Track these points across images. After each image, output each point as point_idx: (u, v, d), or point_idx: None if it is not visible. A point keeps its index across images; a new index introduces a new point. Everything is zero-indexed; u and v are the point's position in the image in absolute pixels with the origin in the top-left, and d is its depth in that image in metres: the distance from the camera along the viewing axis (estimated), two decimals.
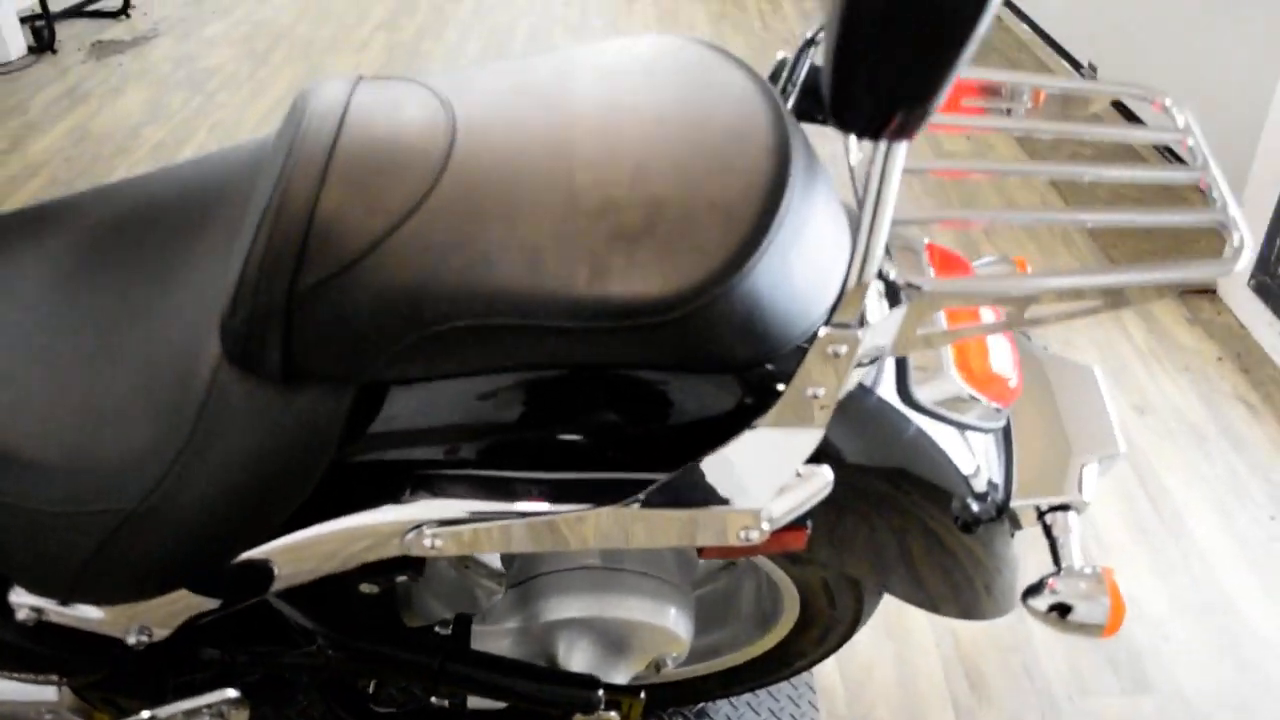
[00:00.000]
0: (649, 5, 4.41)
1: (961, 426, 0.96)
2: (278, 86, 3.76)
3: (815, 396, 0.76)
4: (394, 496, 0.84)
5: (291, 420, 0.77)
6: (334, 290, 0.73)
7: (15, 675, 1.01)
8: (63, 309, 0.88)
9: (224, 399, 0.77)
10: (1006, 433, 1.06)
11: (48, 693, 1.07)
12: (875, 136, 0.61)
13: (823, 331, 0.73)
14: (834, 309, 0.72)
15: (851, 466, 0.90)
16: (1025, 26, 4.03)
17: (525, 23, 4.22)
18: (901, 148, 0.62)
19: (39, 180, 3.17)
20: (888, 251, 0.96)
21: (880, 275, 0.72)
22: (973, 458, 0.97)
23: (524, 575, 1.17)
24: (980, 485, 0.97)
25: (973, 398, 0.91)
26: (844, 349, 0.73)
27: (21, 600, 0.91)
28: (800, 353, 0.75)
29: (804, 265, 0.74)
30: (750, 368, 0.80)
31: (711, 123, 0.77)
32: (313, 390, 0.76)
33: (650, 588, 1.15)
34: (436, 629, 1.12)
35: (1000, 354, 0.98)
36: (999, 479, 1.00)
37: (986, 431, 1.00)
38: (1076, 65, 3.60)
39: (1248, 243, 0.78)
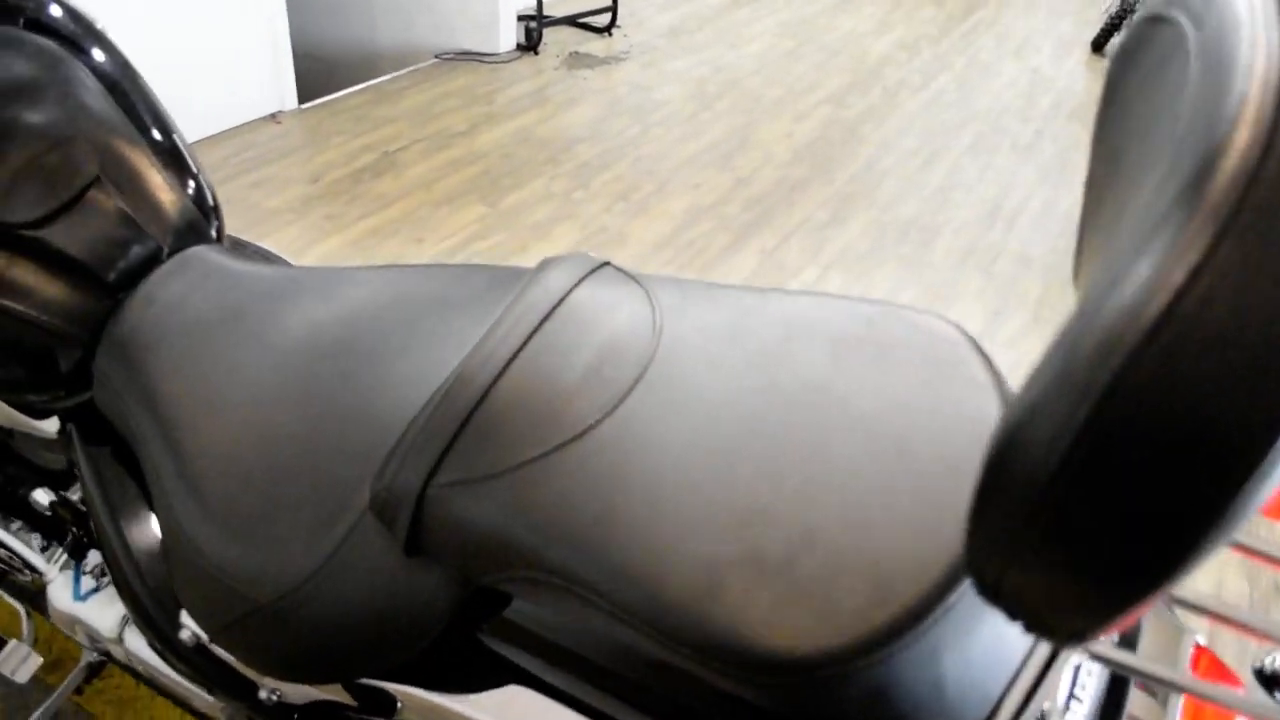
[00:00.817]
0: None
1: None
2: (710, 134, 3.86)
3: None
4: (496, 687, 0.79)
5: (408, 589, 0.75)
6: (464, 496, 0.70)
7: (186, 678, 1.07)
8: (303, 374, 0.90)
9: (362, 541, 0.76)
10: None
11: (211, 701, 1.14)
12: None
13: None
14: None
15: None
16: None
17: (972, 130, 4.04)
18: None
19: (473, 169, 3.46)
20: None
21: None
22: None
23: None
24: None
25: None
26: None
27: (187, 622, 0.96)
28: None
29: (963, 666, 0.59)
30: None
31: (919, 451, 0.64)
32: (434, 571, 0.74)
33: None
34: None
35: None
36: None
37: None
38: None
39: None
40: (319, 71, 4.48)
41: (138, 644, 1.14)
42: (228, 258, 1.04)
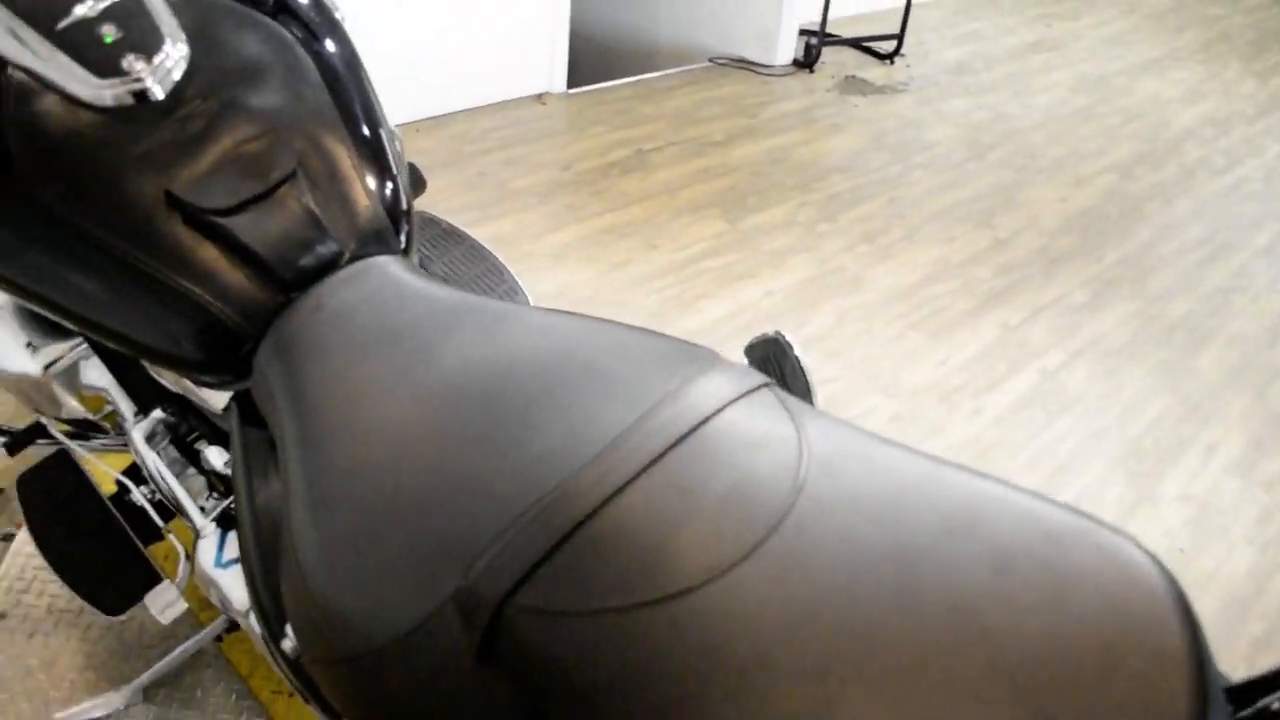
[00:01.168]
0: None
1: None
2: (974, 186, 3.64)
3: None
4: None
5: (476, 695, 0.68)
6: (538, 626, 0.62)
7: (287, 680, 1.06)
8: (445, 420, 0.85)
9: (444, 626, 0.70)
10: None
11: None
12: None
13: None
14: None
15: None
16: None
17: (1273, 229, 3.64)
18: None
19: (721, 182, 3.39)
20: None
21: None
22: None
23: None
24: None
25: None
26: None
27: (291, 634, 0.94)
28: None
29: None
30: None
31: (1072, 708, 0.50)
32: (504, 685, 0.66)
33: None
34: None
35: None
36: None
37: None
38: None
39: None
40: (591, 53, 4.53)
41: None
42: (406, 271, 1.01)
